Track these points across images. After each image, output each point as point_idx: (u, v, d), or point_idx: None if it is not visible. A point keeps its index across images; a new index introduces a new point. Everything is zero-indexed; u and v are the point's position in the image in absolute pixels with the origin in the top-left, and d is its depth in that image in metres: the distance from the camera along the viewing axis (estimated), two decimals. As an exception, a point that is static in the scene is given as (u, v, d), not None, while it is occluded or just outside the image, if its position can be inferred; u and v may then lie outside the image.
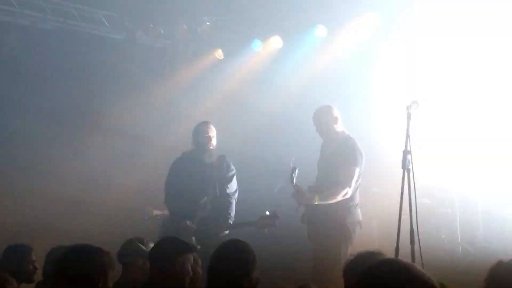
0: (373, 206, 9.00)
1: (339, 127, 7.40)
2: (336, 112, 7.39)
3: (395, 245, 5.83)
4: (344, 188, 7.02)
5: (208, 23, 10.77)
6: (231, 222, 7.80)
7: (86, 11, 10.46)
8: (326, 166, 7.32)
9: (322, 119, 7.40)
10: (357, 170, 7.12)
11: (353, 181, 7.09)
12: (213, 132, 7.92)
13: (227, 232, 7.72)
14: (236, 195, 7.98)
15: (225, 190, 7.89)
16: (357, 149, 7.22)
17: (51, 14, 10.18)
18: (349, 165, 7.11)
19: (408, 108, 6.12)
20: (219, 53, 11.19)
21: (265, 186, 10.43)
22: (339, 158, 7.16)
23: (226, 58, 11.10)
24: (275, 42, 10.70)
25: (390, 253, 5.48)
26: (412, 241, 5.94)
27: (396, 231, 5.87)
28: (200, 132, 7.90)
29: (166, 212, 8.65)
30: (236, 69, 11.08)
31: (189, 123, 8.41)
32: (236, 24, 10.59)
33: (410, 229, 5.91)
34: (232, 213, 7.85)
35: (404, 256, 5.90)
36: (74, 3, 10.26)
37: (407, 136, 6.08)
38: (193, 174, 7.88)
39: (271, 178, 10.46)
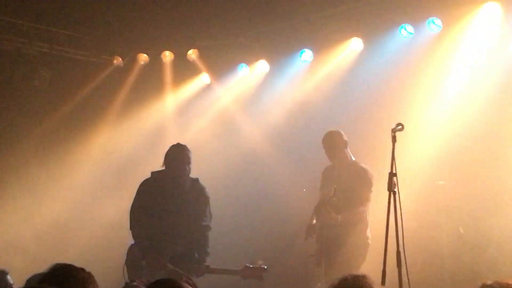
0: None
1: (348, 151, 7.95)
2: (345, 137, 7.92)
3: (381, 267, 5.85)
4: (361, 209, 7.69)
5: (194, 49, 10.80)
6: (208, 264, 7.34)
7: (72, 36, 10.50)
8: (343, 188, 7.66)
9: (334, 142, 7.88)
10: (371, 194, 7.77)
11: (368, 203, 7.78)
12: (190, 156, 7.48)
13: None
14: (211, 224, 7.54)
15: (200, 222, 7.45)
16: (371, 173, 7.82)
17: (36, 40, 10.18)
18: (366, 189, 7.77)
19: (393, 130, 6.16)
20: (205, 78, 11.20)
21: (252, 210, 10.42)
22: (356, 182, 7.73)
23: (213, 83, 11.08)
24: (262, 66, 10.70)
25: (377, 276, 5.47)
26: (399, 264, 5.94)
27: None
28: (177, 155, 7.43)
29: None
30: (223, 93, 11.07)
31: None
32: (223, 48, 10.58)
33: (396, 252, 5.91)
34: (208, 249, 7.44)
35: (392, 278, 5.91)
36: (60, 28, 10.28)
37: (393, 158, 6.11)
38: (165, 201, 7.44)
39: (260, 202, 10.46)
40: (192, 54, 10.80)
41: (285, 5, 9.23)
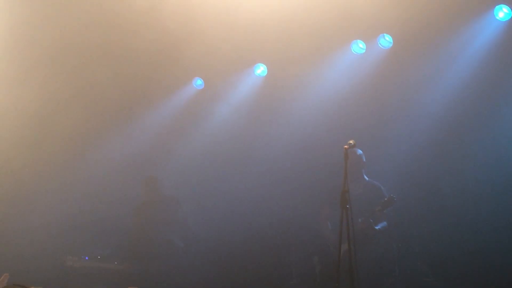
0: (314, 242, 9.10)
1: None
2: None
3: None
4: None
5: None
6: None
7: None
8: None
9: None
10: None
11: None
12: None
13: None
14: None
15: None
16: None
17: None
18: None
19: (345, 148, 6.31)
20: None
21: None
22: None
23: (169, 97, 11.01)
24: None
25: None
26: (351, 279, 6.08)
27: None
28: (160, 185, 10.03)
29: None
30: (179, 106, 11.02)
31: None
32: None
33: (349, 268, 6.04)
34: None
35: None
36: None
37: (345, 175, 6.25)
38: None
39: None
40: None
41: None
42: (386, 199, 7.95)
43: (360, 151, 8.34)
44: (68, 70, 10.01)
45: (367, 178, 8.51)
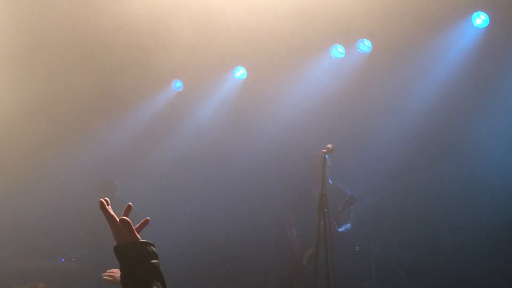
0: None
1: None
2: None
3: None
4: None
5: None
6: None
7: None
8: None
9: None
10: None
11: None
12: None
13: None
14: None
15: None
16: None
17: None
18: None
19: (323, 152, 6.33)
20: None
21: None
22: None
23: (147, 99, 10.98)
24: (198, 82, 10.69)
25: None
26: (328, 281, 6.11)
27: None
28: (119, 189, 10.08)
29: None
30: (158, 109, 11.00)
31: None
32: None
33: (326, 272, 6.07)
34: None
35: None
36: None
37: (323, 179, 6.28)
38: None
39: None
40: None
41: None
42: (347, 198, 7.95)
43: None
44: (46, 73, 9.92)
45: (331, 182, 8.52)
